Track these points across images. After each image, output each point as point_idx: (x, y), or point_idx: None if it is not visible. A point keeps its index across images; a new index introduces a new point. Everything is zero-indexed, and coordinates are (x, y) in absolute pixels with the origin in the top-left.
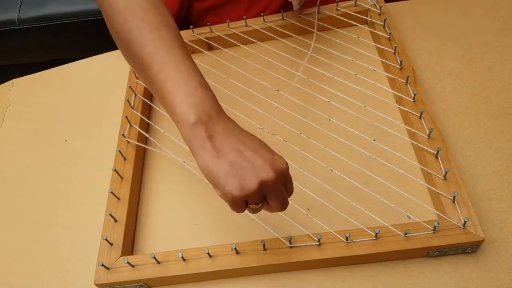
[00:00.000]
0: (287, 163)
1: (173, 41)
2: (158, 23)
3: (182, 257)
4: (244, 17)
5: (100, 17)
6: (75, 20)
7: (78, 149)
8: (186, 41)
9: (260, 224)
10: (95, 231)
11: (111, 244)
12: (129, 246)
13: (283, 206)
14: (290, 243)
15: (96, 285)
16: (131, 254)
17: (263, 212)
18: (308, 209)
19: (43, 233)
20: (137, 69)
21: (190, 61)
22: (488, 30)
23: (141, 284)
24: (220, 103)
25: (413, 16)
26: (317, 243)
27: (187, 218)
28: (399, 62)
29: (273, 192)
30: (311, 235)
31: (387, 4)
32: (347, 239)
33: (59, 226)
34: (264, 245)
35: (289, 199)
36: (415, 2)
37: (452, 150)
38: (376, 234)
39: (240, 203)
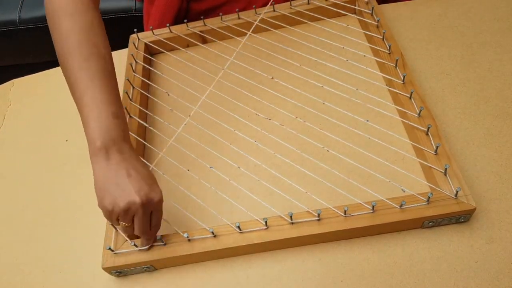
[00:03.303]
0: (161, 198)
1: (98, 72)
2: (88, 54)
3: (188, 237)
4: (237, 9)
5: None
6: None
7: (79, 148)
8: (181, 35)
9: (262, 203)
10: (96, 231)
11: (116, 230)
12: None
13: (143, 232)
14: (291, 220)
15: (104, 269)
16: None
17: (264, 191)
18: (307, 187)
19: (44, 233)
20: (68, 86)
21: (109, 91)
22: (487, 30)
23: (148, 266)
24: (217, 92)
25: (412, 17)
26: (317, 218)
27: (190, 201)
28: (388, 47)
29: (137, 216)
30: (311, 211)
31: (387, 4)
32: (345, 213)
33: (59, 226)
34: (266, 222)
35: (286, 179)
36: (414, 3)
37: (452, 150)
38: (373, 207)
39: (112, 218)
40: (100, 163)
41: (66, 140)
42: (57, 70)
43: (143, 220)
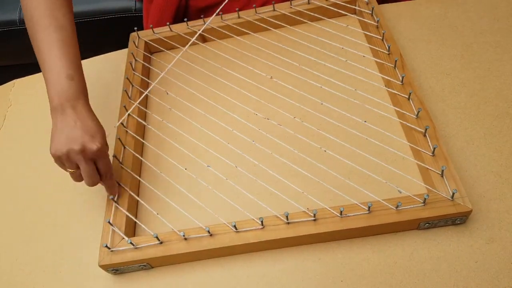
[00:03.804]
0: (100, 147)
1: (58, 40)
2: (50, 26)
3: (184, 236)
4: (237, 8)
5: (100, 18)
6: (75, 21)
7: None
8: (181, 34)
9: (258, 202)
10: (96, 231)
11: (113, 225)
12: (131, 229)
13: (89, 178)
14: (287, 219)
15: (100, 266)
16: (134, 236)
17: (261, 190)
18: (303, 187)
19: (44, 233)
20: (34, 50)
21: (65, 57)
22: (487, 30)
23: (144, 264)
24: (216, 91)
25: (412, 17)
26: (313, 219)
27: (187, 200)
28: (387, 47)
29: (79, 163)
30: (307, 211)
31: (387, 4)
32: (341, 214)
33: (59, 225)
34: (262, 222)
35: (283, 179)
36: (414, 3)
37: (451, 150)
38: (369, 208)
39: (58, 162)
40: (56, 118)
41: None
42: None
43: (86, 168)
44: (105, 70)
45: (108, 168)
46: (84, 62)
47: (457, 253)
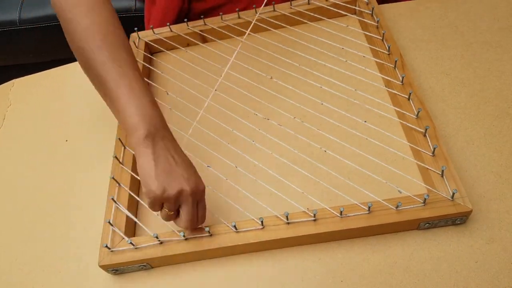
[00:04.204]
0: (204, 187)
1: (128, 62)
2: (116, 45)
3: (184, 236)
4: (237, 9)
5: None
6: None
7: (79, 148)
8: (182, 34)
9: (258, 202)
10: (96, 230)
11: (113, 225)
12: (131, 229)
13: (190, 222)
14: (287, 219)
15: (100, 266)
16: (134, 236)
17: (261, 190)
18: (303, 187)
19: (43, 232)
20: (95, 84)
21: (142, 81)
22: (487, 30)
23: (144, 264)
24: (216, 92)
25: (412, 17)
26: (313, 219)
27: None
28: (387, 47)
29: (186, 204)
30: (307, 211)
31: (387, 4)
32: (341, 214)
33: (59, 225)
34: (262, 222)
35: (283, 179)
36: (414, 3)
37: (451, 150)
38: (369, 208)
39: (158, 203)
40: (146, 150)
41: (66, 140)
42: (58, 70)
43: (192, 209)
44: None
45: (205, 210)
46: None
47: (457, 253)
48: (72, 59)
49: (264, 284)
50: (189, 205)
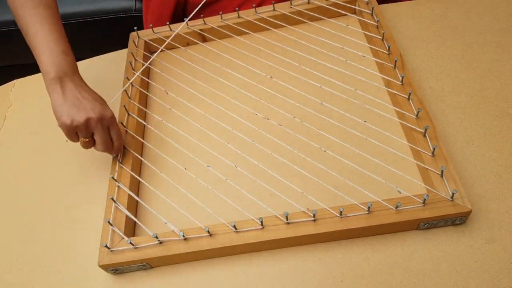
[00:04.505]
0: (113, 115)
1: (48, 17)
2: (38, 3)
3: (183, 236)
4: (237, 8)
5: (100, 18)
6: (75, 21)
7: (79, 149)
8: (181, 33)
9: (258, 202)
10: (96, 230)
11: (112, 225)
12: (131, 229)
13: (104, 145)
14: (287, 220)
15: (100, 266)
16: (133, 236)
17: (261, 190)
18: (303, 187)
19: (43, 233)
20: (22, 31)
21: (57, 33)
22: (487, 30)
23: (144, 264)
24: (216, 91)
25: (412, 17)
26: (313, 219)
27: (186, 200)
28: (387, 47)
29: (96, 131)
30: (306, 211)
31: (387, 4)
32: (341, 214)
33: (60, 225)
34: (262, 222)
35: (283, 179)
36: (414, 3)
37: (451, 150)
38: (369, 208)
39: (72, 132)
40: (56, 90)
41: (66, 141)
42: None
43: (102, 135)
44: (105, 70)
45: (118, 134)
46: (84, 62)
47: (457, 253)
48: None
49: (264, 284)
50: (99, 131)
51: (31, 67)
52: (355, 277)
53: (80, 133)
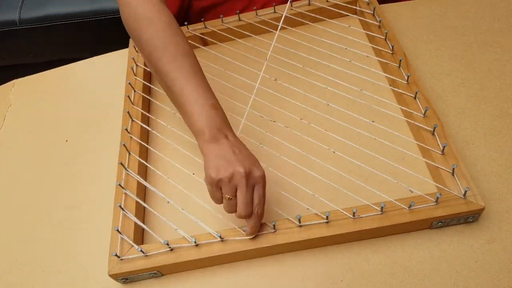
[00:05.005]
0: (263, 174)
1: (190, 68)
2: (177, 54)
3: (195, 242)
4: (238, 11)
5: (100, 18)
6: (75, 21)
7: (79, 149)
8: None
9: (270, 206)
10: (96, 230)
11: (121, 233)
12: (140, 236)
13: (245, 205)
14: (300, 222)
15: (110, 275)
16: (142, 244)
17: (273, 195)
18: (313, 189)
19: (44, 233)
20: (164, 90)
21: (204, 86)
22: (487, 30)
23: (155, 272)
24: (219, 95)
25: (412, 17)
26: (326, 221)
27: (195, 206)
28: (391, 47)
29: (240, 186)
30: (319, 214)
31: (387, 4)
32: (354, 215)
33: (60, 226)
34: (274, 225)
35: (292, 181)
36: (414, 3)
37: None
38: (382, 208)
39: (215, 187)
40: (210, 148)
41: (66, 140)
42: (58, 70)
43: (245, 192)
44: (105, 70)
45: (263, 199)
46: (84, 62)
47: (457, 253)
48: (73, 60)
49: (264, 284)
50: (243, 187)
51: (31, 67)
52: (355, 277)
53: (223, 188)
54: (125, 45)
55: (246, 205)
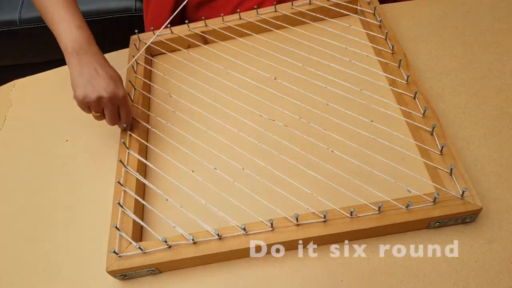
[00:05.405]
0: (124, 94)
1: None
2: None
3: (193, 239)
4: (238, 10)
5: (100, 18)
6: None
7: (79, 148)
8: (182, 36)
9: (266, 204)
10: (96, 230)
11: (120, 230)
12: (138, 233)
13: (112, 120)
14: (297, 221)
15: (108, 272)
16: (140, 241)
17: (269, 192)
18: (311, 188)
19: (44, 233)
20: (39, 13)
21: (70, 11)
22: (487, 30)
23: (153, 269)
24: (220, 93)
25: (412, 17)
26: (323, 220)
27: (194, 203)
28: (391, 47)
29: (106, 108)
30: (317, 213)
31: (387, 4)
32: (351, 214)
33: (60, 226)
34: (271, 224)
35: (291, 180)
36: (414, 3)
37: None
38: (379, 208)
39: (84, 106)
40: (73, 64)
41: (66, 140)
42: (58, 71)
43: (112, 112)
44: None
45: (127, 113)
46: None
47: (457, 253)
48: None
49: (263, 283)
50: (109, 109)
51: (31, 67)
52: (355, 277)
53: (91, 108)
54: (125, 45)
55: (112, 120)
